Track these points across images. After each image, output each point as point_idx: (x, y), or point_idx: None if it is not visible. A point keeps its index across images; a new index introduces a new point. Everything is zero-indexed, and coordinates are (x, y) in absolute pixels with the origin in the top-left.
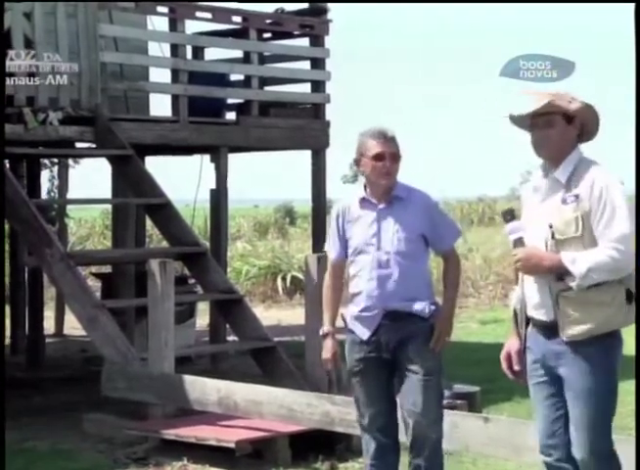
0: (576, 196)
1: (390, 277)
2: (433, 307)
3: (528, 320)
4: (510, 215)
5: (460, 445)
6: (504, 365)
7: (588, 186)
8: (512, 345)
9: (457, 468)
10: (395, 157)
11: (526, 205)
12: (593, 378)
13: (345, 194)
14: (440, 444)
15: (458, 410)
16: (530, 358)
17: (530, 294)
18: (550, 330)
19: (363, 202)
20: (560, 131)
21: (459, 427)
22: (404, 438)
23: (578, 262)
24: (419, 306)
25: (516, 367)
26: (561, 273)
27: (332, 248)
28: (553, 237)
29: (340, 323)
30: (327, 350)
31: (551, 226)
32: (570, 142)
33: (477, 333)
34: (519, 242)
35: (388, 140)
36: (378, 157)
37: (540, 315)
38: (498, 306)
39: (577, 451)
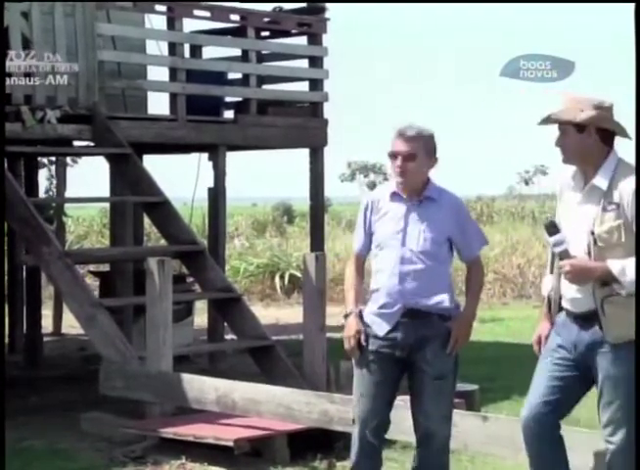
0: (617, 205)
1: (413, 275)
2: (455, 310)
3: (560, 308)
4: (554, 228)
5: (458, 443)
6: (535, 348)
7: (630, 195)
8: (544, 329)
9: (455, 466)
10: (409, 156)
11: (565, 200)
12: (629, 366)
13: (342, 192)
14: (449, 441)
15: (456, 409)
16: (557, 341)
17: (568, 290)
18: (584, 321)
19: (394, 196)
20: (572, 141)
21: (457, 426)
22: (397, 436)
23: (628, 272)
24: (442, 305)
25: None
26: (606, 280)
27: (357, 239)
28: (595, 244)
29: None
30: (350, 327)
31: (593, 233)
32: (592, 149)
33: (475, 332)
34: (565, 254)
35: (406, 139)
36: (392, 155)
37: (575, 308)
38: (497, 305)
39: (614, 436)
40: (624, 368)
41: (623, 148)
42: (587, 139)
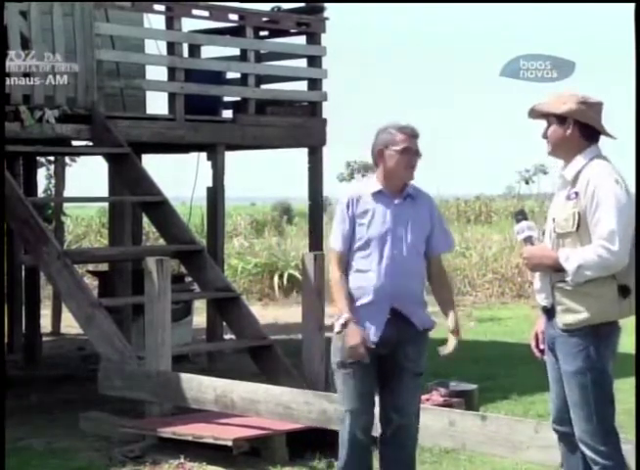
0: (576, 193)
1: (401, 273)
2: (430, 322)
3: None
4: (521, 216)
5: (457, 443)
6: (532, 344)
7: (584, 184)
8: (539, 325)
9: (454, 466)
10: (419, 153)
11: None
12: (578, 360)
13: (345, 188)
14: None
15: (455, 408)
16: (546, 338)
17: (535, 281)
18: (548, 314)
19: (379, 195)
20: (552, 131)
21: (456, 425)
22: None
23: (571, 260)
24: (422, 303)
25: (541, 346)
26: (559, 268)
27: (339, 237)
28: (555, 230)
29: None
30: (355, 335)
31: (554, 220)
32: (569, 141)
33: (474, 331)
34: (527, 240)
35: (415, 136)
36: (406, 150)
37: (541, 301)
38: (495, 305)
39: (574, 429)
40: (576, 361)
41: (626, 148)
42: (566, 131)
